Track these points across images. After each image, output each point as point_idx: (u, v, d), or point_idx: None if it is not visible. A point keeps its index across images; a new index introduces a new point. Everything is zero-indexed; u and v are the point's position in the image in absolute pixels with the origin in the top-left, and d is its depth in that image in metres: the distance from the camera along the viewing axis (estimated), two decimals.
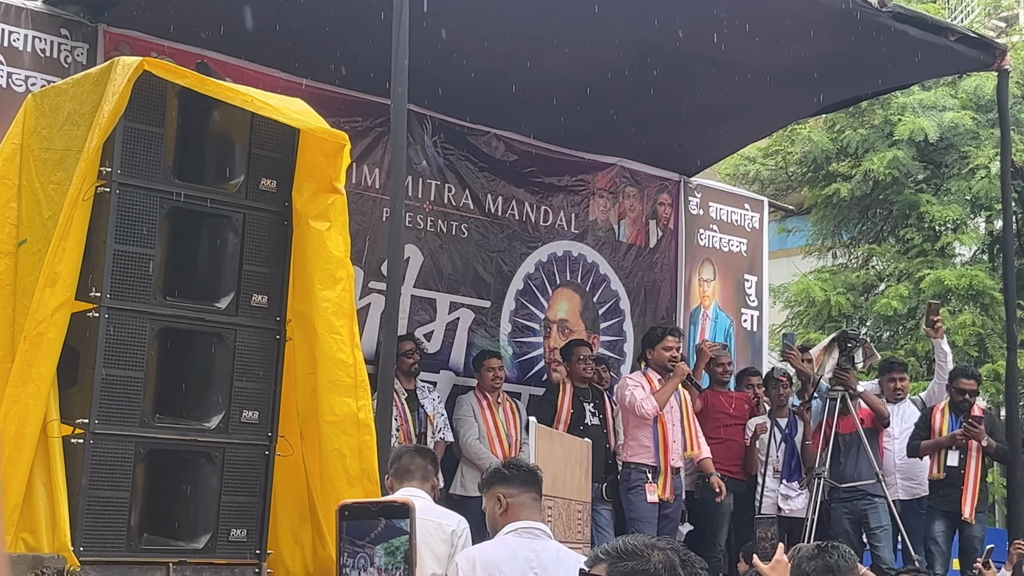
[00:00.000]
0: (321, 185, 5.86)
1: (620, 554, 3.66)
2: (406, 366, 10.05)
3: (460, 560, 5.81)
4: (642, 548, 3.74)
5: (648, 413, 10.12)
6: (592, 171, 12.20)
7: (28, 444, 5.27)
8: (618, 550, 3.69)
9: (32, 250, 5.59)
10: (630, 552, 3.70)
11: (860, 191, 17.09)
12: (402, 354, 9.95)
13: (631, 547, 3.72)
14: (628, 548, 3.72)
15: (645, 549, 3.74)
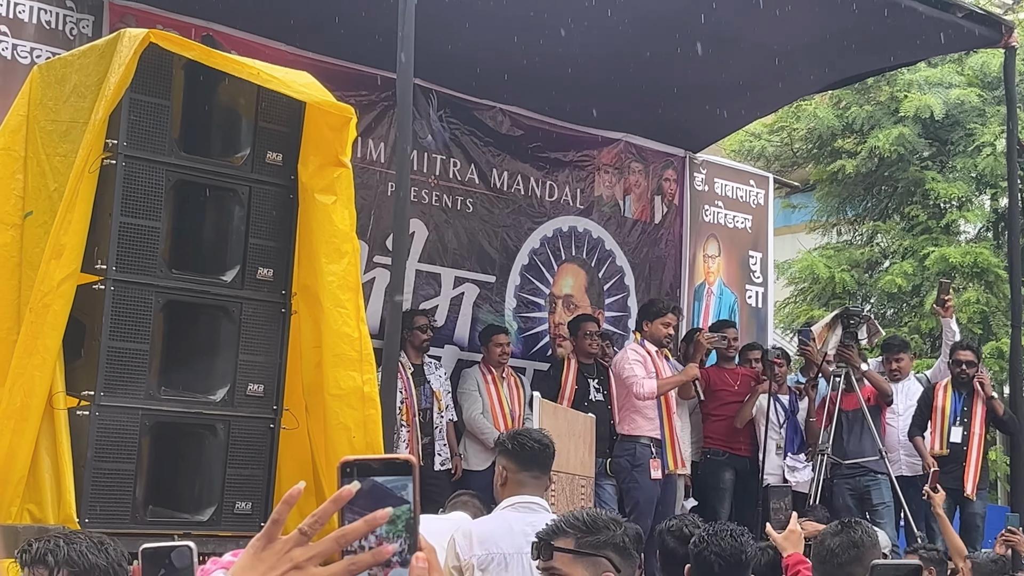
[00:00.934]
0: (327, 159, 5.85)
1: (588, 527, 3.70)
2: (418, 341, 10.07)
3: (457, 535, 5.84)
4: (607, 521, 3.77)
5: (644, 395, 10.06)
6: (598, 147, 12.19)
7: (34, 416, 5.27)
8: (585, 523, 3.70)
9: (38, 222, 5.58)
10: (598, 525, 3.72)
11: (865, 168, 17.05)
12: (416, 328, 9.98)
13: (597, 520, 3.74)
14: (595, 521, 3.73)
15: (610, 523, 3.77)
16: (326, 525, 1.81)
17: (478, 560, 5.73)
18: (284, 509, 1.85)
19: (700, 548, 5.70)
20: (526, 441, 5.94)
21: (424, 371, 10.18)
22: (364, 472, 1.76)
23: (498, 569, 5.73)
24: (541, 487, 5.97)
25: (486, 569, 5.73)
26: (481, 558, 5.74)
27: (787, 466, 11.11)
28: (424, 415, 10.03)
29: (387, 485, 1.76)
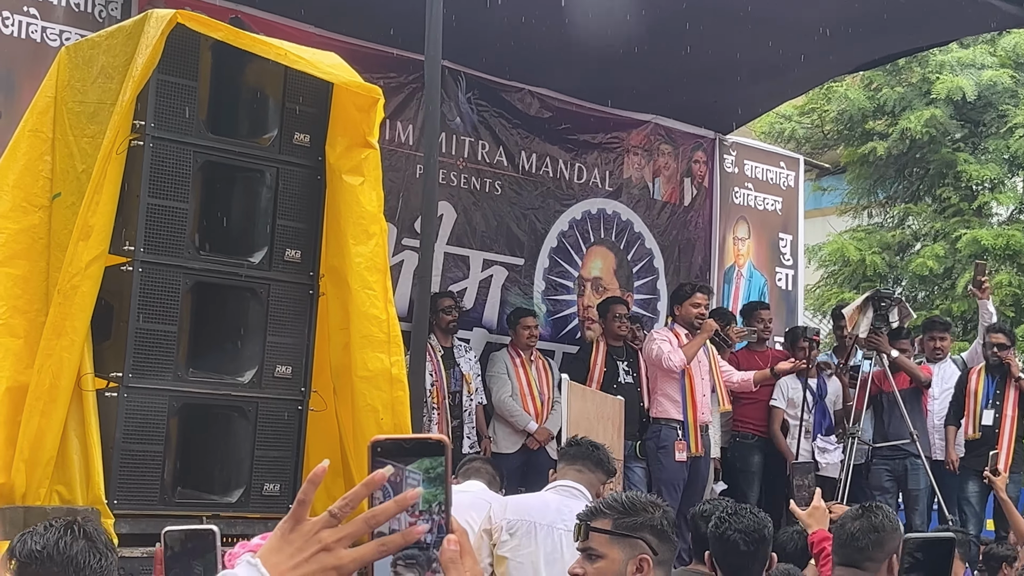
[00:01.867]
0: (354, 140, 5.83)
1: (625, 508, 3.70)
2: (444, 323, 10.05)
3: (495, 504, 5.92)
4: (645, 503, 3.76)
5: (675, 366, 10.09)
6: (627, 128, 12.14)
7: (62, 397, 5.28)
8: (623, 504, 3.70)
9: (66, 203, 5.58)
10: (636, 507, 3.71)
11: (897, 150, 16.95)
12: (441, 310, 9.97)
13: (636, 502, 3.73)
14: (633, 503, 3.72)
15: (648, 505, 3.75)
16: (360, 513, 1.78)
17: (507, 524, 5.79)
18: (310, 488, 1.83)
19: (722, 529, 5.69)
20: (574, 441, 6.15)
21: (454, 354, 10.17)
22: (396, 452, 1.74)
23: (526, 536, 5.77)
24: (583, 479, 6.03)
25: (514, 533, 5.78)
26: (511, 522, 5.80)
27: (817, 447, 11.05)
28: (454, 398, 10.02)
29: (419, 466, 1.73)
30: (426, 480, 1.73)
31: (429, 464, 1.72)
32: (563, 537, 5.83)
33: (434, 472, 1.72)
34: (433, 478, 1.72)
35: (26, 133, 5.70)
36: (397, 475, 1.72)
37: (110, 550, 3.60)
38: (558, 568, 5.80)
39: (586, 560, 3.78)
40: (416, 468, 1.72)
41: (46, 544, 3.48)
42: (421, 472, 1.72)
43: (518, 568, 5.79)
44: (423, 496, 1.72)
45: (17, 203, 5.58)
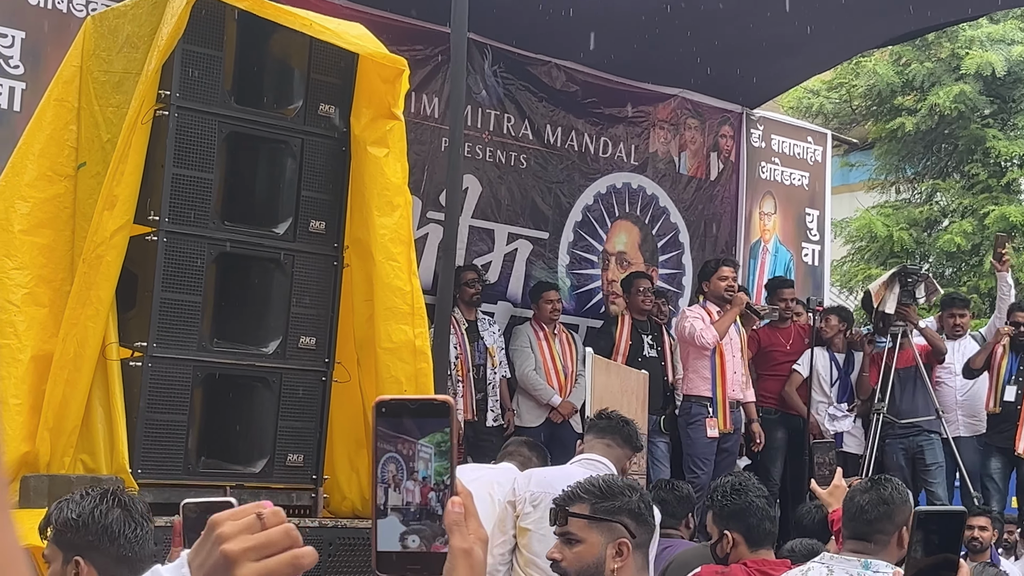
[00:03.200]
0: (379, 111, 5.81)
1: (603, 493, 3.68)
2: (467, 296, 10.06)
3: (519, 476, 5.95)
4: (623, 487, 3.74)
5: (708, 343, 10.10)
6: (653, 102, 12.10)
7: (87, 366, 5.29)
8: (600, 489, 3.69)
9: (91, 173, 5.58)
10: (613, 491, 3.70)
11: (925, 125, 16.88)
12: (464, 283, 9.97)
13: (613, 486, 3.71)
14: (610, 487, 3.72)
15: (626, 488, 3.73)
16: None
17: (531, 496, 5.83)
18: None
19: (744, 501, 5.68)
20: (603, 414, 6.17)
21: (478, 327, 10.18)
22: (399, 412, 1.74)
23: (548, 509, 5.78)
24: (610, 454, 6.05)
25: (537, 505, 5.81)
26: (535, 494, 5.83)
27: (828, 414, 11.03)
28: (478, 371, 10.03)
29: (431, 441, 1.74)
30: (437, 454, 1.73)
31: (440, 438, 1.73)
32: None
33: (444, 445, 1.73)
34: (444, 451, 1.73)
35: (51, 102, 5.70)
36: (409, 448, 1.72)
37: (145, 520, 3.61)
38: None
39: (564, 545, 3.77)
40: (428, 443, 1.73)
41: (81, 512, 3.49)
42: (432, 447, 1.73)
43: (540, 540, 5.80)
44: (435, 469, 1.72)
45: (42, 172, 5.58)
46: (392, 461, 1.73)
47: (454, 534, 1.71)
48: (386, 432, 1.74)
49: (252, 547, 1.73)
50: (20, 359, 5.40)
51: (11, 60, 8.35)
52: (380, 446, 1.73)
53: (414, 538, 1.73)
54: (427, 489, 1.73)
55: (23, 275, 5.47)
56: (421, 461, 1.73)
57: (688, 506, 7.88)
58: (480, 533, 1.74)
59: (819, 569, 5.03)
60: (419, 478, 1.73)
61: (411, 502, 1.73)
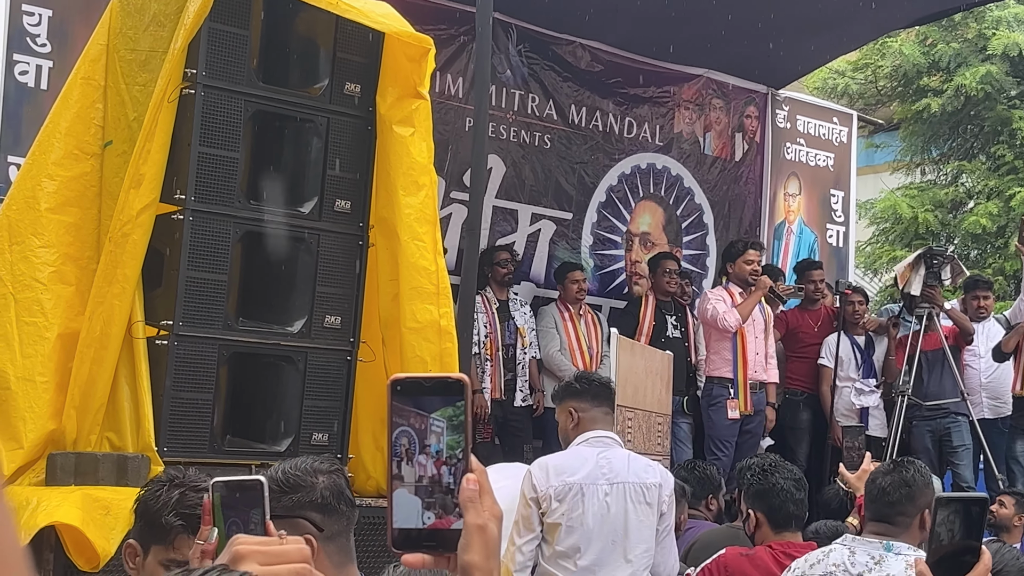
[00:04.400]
0: (405, 90, 5.80)
1: (281, 488, 3.28)
2: (500, 276, 10.07)
3: (533, 467, 5.91)
4: (304, 476, 3.34)
5: (731, 326, 10.10)
6: (678, 82, 12.06)
7: (113, 344, 5.30)
8: (279, 483, 3.28)
9: (117, 151, 5.59)
10: (293, 484, 3.33)
11: (951, 106, 16.79)
12: (496, 263, 9.99)
13: (293, 478, 3.32)
14: (290, 480, 3.32)
15: (308, 476, 3.35)
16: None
17: (555, 491, 5.78)
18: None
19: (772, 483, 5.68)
20: (592, 378, 6.04)
21: (509, 307, 10.19)
22: (414, 390, 1.75)
23: (575, 499, 5.77)
24: (611, 424, 6.02)
25: (563, 499, 5.78)
26: (558, 489, 5.79)
27: (855, 389, 11.00)
28: (507, 351, 10.04)
29: (442, 415, 1.74)
30: (449, 427, 1.73)
31: (452, 412, 1.73)
32: (607, 492, 5.83)
33: (456, 420, 1.73)
34: (456, 426, 1.73)
35: (78, 81, 5.70)
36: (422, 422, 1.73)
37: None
38: (606, 524, 5.81)
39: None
40: (440, 416, 1.73)
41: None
42: (445, 420, 1.73)
43: (570, 532, 5.79)
44: (447, 443, 1.73)
45: (69, 151, 5.59)
46: (404, 435, 1.74)
47: (468, 511, 1.72)
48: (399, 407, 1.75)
49: (262, 551, 1.75)
50: (47, 337, 5.41)
51: (38, 39, 8.36)
52: (394, 420, 1.74)
53: (429, 515, 1.74)
54: (439, 463, 1.74)
55: (49, 253, 5.48)
56: (433, 435, 1.74)
57: (709, 487, 7.88)
58: (495, 510, 1.74)
59: (841, 551, 5.03)
60: (431, 452, 1.74)
61: (423, 475, 1.74)
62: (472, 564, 1.71)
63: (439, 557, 1.76)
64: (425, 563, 1.75)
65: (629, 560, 5.81)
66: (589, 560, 5.77)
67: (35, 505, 4.86)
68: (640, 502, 5.85)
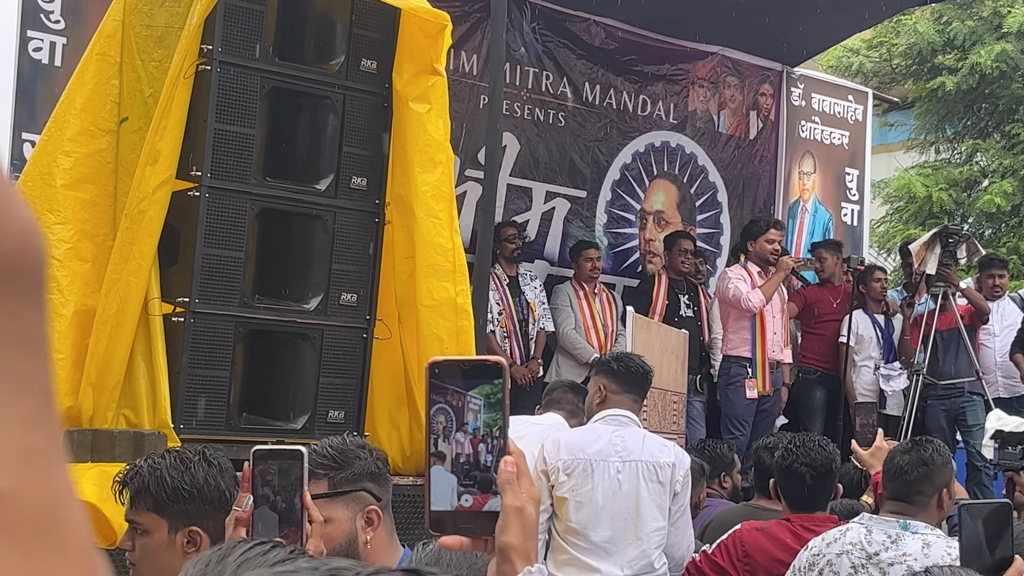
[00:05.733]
0: (421, 67, 5.78)
1: (338, 463, 3.33)
2: (508, 251, 10.05)
3: (547, 443, 5.92)
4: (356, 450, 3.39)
5: (755, 306, 10.11)
6: (693, 60, 12.01)
7: (130, 321, 5.29)
8: (333, 459, 3.32)
9: (133, 128, 5.57)
10: (349, 458, 3.37)
11: (966, 85, 16.72)
12: (504, 239, 9.97)
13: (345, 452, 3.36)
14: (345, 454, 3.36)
15: (357, 450, 3.39)
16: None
17: (563, 464, 5.79)
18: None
19: (789, 461, 5.67)
20: (632, 364, 6.00)
21: (519, 283, 10.18)
22: (452, 373, 1.74)
23: (583, 474, 5.77)
24: (636, 409, 6.01)
25: (571, 473, 5.78)
26: (567, 462, 5.79)
27: (881, 375, 10.99)
28: (521, 327, 10.04)
29: (480, 392, 1.74)
30: (486, 405, 1.73)
31: (489, 390, 1.73)
32: (619, 469, 5.82)
33: (494, 397, 1.73)
34: (493, 403, 1.73)
35: (94, 57, 5.68)
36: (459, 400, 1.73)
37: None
38: (617, 501, 5.80)
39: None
40: (478, 394, 1.73)
41: (195, 481, 3.31)
42: (483, 398, 1.73)
43: (578, 507, 5.79)
44: (483, 420, 1.73)
45: (85, 127, 5.57)
46: (442, 412, 1.74)
47: (507, 492, 1.72)
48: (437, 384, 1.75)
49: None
50: (63, 314, 5.40)
51: (52, 15, 8.34)
52: (431, 398, 1.74)
53: (467, 497, 1.73)
54: (476, 440, 1.74)
55: (65, 230, 5.47)
56: (471, 412, 1.73)
57: (723, 466, 7.87)
58: (532, 492, 1.75)
59: (858, 530, 5.02)
60: (468, 429, 1.73)
61: (460, 453, 1.74)
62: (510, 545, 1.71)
63: (476, 540, 1.75)
64: (463, 545, 1.75)
65: (640, 539, 5.80)
66: (599, 537, 5.77)
67: None
68: (653, 481, 5.84)
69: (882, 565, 4.83)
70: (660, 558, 5.85)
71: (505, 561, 1.72)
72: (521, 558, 1.71)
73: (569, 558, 5.76)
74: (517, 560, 1.71)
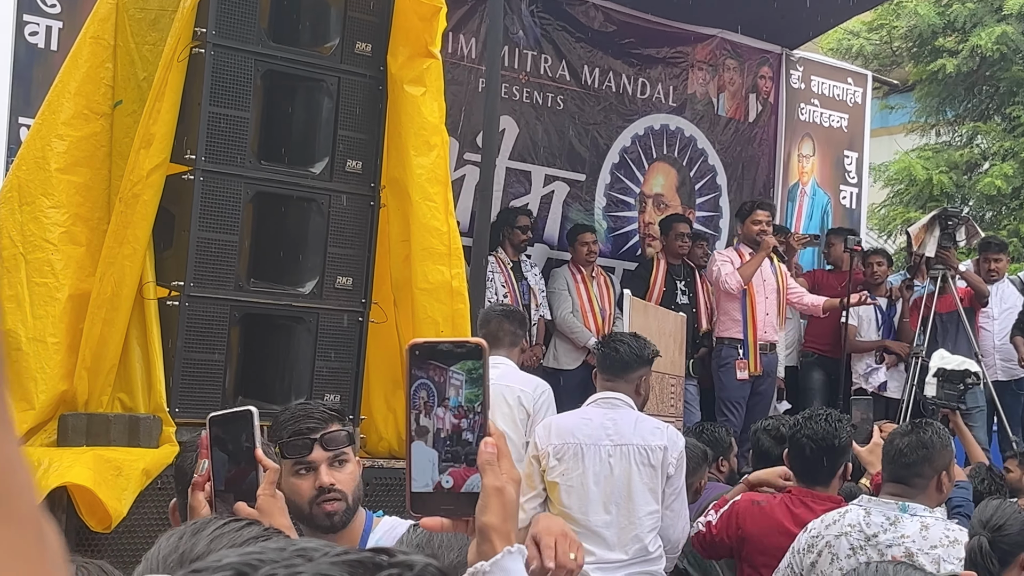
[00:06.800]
0: (416, 49, 5.76)
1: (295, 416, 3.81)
2: (518, 240, 10.09)
3: (539, 428, 5.96)
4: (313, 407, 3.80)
5: (732, 288, 10.10)
6: (692, 43, 11.99)
7: (124, 305, 5.28)
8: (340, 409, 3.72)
9: (127, 111, 5.56)
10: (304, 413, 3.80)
11: (966, 67, 16.69)
12: (518, 227, 10.00)
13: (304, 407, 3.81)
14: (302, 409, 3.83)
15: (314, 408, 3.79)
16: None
17: (554, 449, 5.80)
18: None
19: (794, 432, 5.69)
20: (611, 348, 6.03)
21: (521, 268, 10.19)
22: (433, 355, 1.75)
23: (573, 459, 5.79)
24: (628, 390, 6.00)
25: (562, 458, 5.79)
26: (557, 447, 5.81)
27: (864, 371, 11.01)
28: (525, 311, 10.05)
29: (461, 367, 1.74)
30: (468, 381, 1.74)
31: (471, 365, 1.74)
32: (610, 452, 5.83)
33: (475, 373, 1.74)
34: (475, 379, 1.74)
35: (87, 40, 5.66)
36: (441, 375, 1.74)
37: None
38: (608, 485, 5.81)
39: (336, 468, 3.63)
40: (459, 369, 1.74)
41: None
42: (464, 373, 1.74)
43: (569, 491, 5.79)
44: (465, 395, 1.74)
45: (79, 111, 5.56)
46: (423, 388, 1.75)
47: (487, 473, 1.73)
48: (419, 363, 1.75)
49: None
50: (57, 298, 5.39)
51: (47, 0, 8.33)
52: (413, 373, 1.74)
53: (447, 478, 1.74)
54: (459, 415, 1.74)
55: (60, 214, 5.46)
56: (452, 387, 1.74)
57: (719, 449, 7.87)
58: (513, 473, 1.76)
59: (856, 512, 5.03)
60: (450, 404, 1.74)
61: (442, 428, 1.74)
62: (490, 526, 1.71)
63: (457, 521, 1.75)
64: (444, 526, 1.75)
65: (633, 522, 5.81)
66: (592, 521, 5.77)
67: (47, 466, 4.86)
68: (644, 464, 5.84)
69: (880, 547, 4.84)
70: (655, 541, 5.85)
71: (485, 541, 1.72)
72: (501, 538, 1.71)
73: None
74: (497, 540, 1.71)
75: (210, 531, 1.97)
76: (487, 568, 1.71)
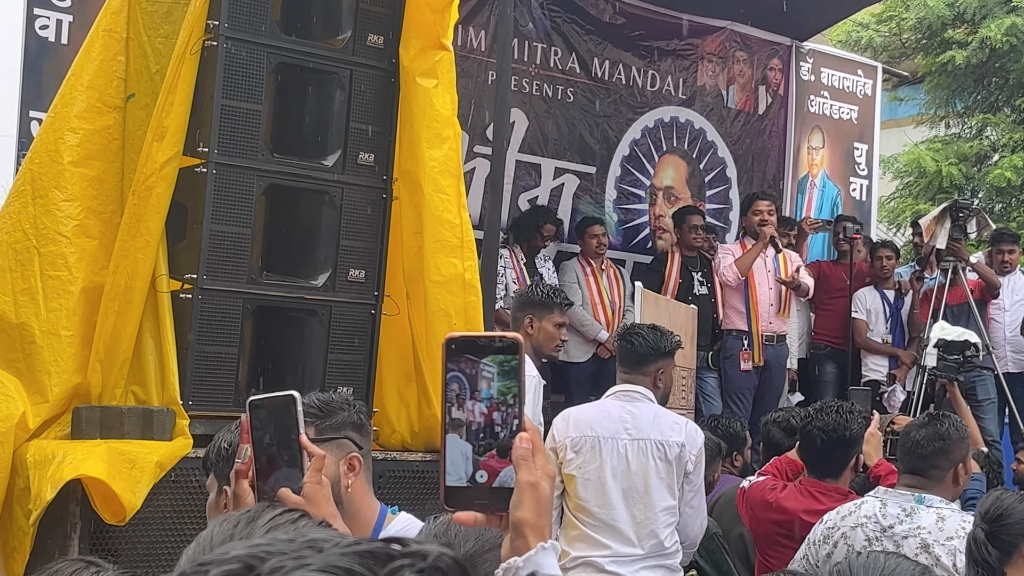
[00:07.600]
0: (428, 41, 5.75)
1: (323, 412, 3.48)
2: (537, 242, 10.11)
3: (557, 420, 5.94)
4: (340, 403, 3.56)
5: (730, 280, 10.15)
6: (702, 35, 11.98)
7: (137, 298, 5.28)
8: (319, 408, 3.48)
9: (140, 104, 5.55)
10: (332, 408, 3.53)
11: (976, 59, 16.65)
12: (539, 229, 10.07)
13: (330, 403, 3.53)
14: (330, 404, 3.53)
15: (343, 403, 3.57)
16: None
17: (571, 442, 5.79)
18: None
19: (806, 423, 5.70)
20: (632, 347, 6.03)
21: (535, 263, 10.19)
22: (469, 349, 1.74)
23: (591, 452, 5.78)
24: (647, 381, 5.99)
25: (579, 451, 5.78)
26: (575, 440, 5.79)
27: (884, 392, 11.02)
28: None
29: (493, 360, 1.73)
30: (500, 373, 1.73)
31: (503, 358, 1.73)
32: (627, 447, 5.81)
33: (508, 366, 1.73)
34: (507, 371, 1.73)
35: (100, 33, 5.66)
36: (473, 368, 1.73)
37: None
38: (625, 479, 5.79)
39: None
40: (491, 362, 1.73)
41: (232, 441, 3.47)
42: (496, 365, 1.73)
43: (585, 484, 5.78)
44: (498, 388, 1.73)
45: (91, 104, 5.55)
46: (456, 380, 1.74)
47: (521, 468, 1.72)
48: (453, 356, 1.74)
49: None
50: (71, 291, 5.39)
51: None
52: (446, 366, 1.73)
53: (481, 473, 1.73)
54: (491, 408, 1.73)
55: (73, 207, 5.46)
56: (484, 380, 1.73)
57: (735, 444, 7.85)
58: (547, 469, 1.75)
59: (872, 503, 5.02)
60: (482, 396, 1.73)
61: (473, 420, 1.73)
62: (524, 521, 1.71)
63: (490, 516, 1.75)
64: (477, 521, 1.75)
65: (650, 517, 5.79)
66: (608, 514, 5.76)
67: (61, 459, 4.86)
68: (661, 459, 5.82)
69: (896, 538, 4.83)
70: (671, 536, 5.83)
71: (519, 537, 1.71)
72: (535, 534, 1.71)
73: (579, 534, 5.76)
74: (531, 536, 1.70)
75: (266, 519, 1.97)
76: (520, 564, 1.70)
